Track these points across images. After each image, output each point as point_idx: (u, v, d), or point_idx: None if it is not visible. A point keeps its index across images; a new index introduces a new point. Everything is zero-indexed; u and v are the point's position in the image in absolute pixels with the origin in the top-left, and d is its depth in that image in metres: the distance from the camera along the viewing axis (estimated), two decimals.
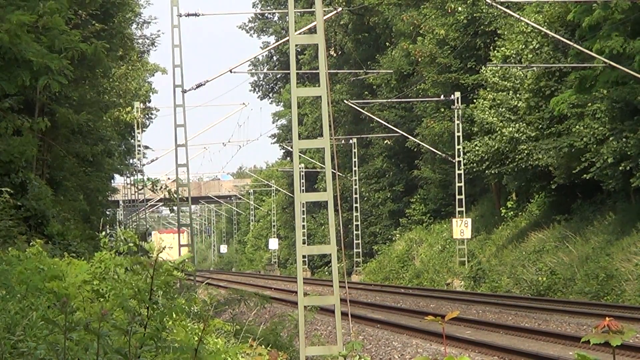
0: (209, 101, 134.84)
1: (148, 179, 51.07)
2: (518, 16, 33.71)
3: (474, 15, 48.50)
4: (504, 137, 41.89)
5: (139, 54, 50.12)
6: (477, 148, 43.75)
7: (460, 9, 48.77)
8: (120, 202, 77.32)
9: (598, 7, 31.38)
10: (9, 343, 6.44)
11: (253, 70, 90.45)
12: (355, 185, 63.56)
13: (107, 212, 53.26)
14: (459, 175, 48.11)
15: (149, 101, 66.10)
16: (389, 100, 59.55)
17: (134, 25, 48.31)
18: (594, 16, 31.43)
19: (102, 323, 5.50)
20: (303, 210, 67.90)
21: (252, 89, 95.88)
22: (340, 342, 12.76)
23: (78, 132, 38.05)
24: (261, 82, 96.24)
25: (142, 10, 58.53)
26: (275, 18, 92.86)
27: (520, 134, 41.32)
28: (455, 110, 48.13)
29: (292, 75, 12.79)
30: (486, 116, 42.90)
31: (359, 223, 63.08)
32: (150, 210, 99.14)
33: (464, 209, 48.59)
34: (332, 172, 12.90)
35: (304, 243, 28.21)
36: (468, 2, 48.51)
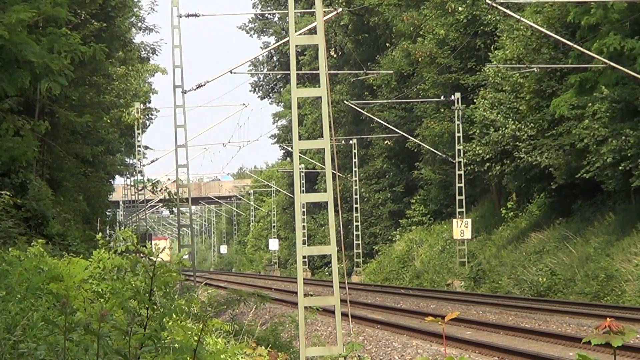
0: (209, 102, 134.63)
1: (148, 180, 51.11)
2: (518, 17, 33.71)
3: (474, 14, 48.49)
4: (505, 134, 41.86)
5: (140, 59, 50.09)
6: (477, 148, 43.75)
7: (460, 9, 48.77)
8: (120, 203, 77.32)
9: (596, 8, 31.39)
10: (9, 343, 6.44)
11: (253, 71, 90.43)
12: (356, 185, 63.55)
13: (107, 213, 53.27)
14: (459, 175, 48.11)
15: (149, 102, 66.10)
16: (389, 100, 59.55)
17: (135, 30, 48.17)
18: (592, 16, 31.45)
19: (102, 324, 5.50)
20: (303, 211, 67.90)
21: (252, 89, 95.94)
22: (340, 342, 12.76)
23: (78, 133, 38.09)
24: (261, 82, 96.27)
25: (145, 16, 58.48)
26: (276, 19, 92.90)
27: (521, 133, 41.32)
28: (456, 111, 48.13)
29: (292, 76, 12.79)
30: (487, 114, 42.90)
31: (359, 224, 63.07)
32: (150, 211, 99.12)
33: (464, 209, 48.58)
34: (332, 172, 12.89)
35: (304, 244, 28.21)
36: (468, 1, 48.49)
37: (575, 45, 31.71)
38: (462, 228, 46.66)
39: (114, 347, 5.63)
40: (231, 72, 38.34)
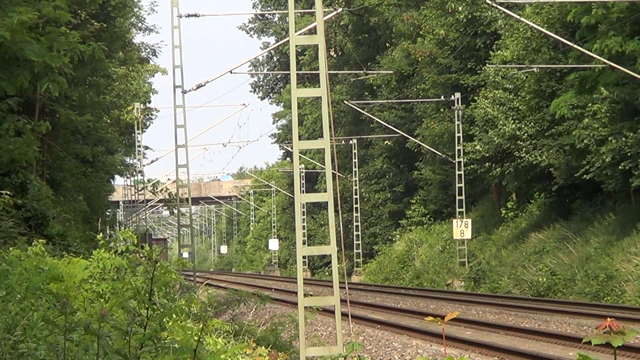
0: (209, 102, 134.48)
1: (148, 180, 51.02)
2: (518, 17, 33.69)
3: (474, 14, 48.46)
4: (505, 133, 41.85)
5: (140, 60, 50.12)
6: (477, 148, 43.73)
7: (460, 8, 48.75)
8: (121, 203, 77.31)
9: (596, 7, 31.35)
10: (9, 343, 6.44)
11: (253, 71, 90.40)
12: (356, 186, 63.55)
13: (107, 213, 53.29)
14: (459, 175, 48.10)
15: (149, 102, 66.12)
16: (389, 100, 59.53)
17: (135, 30, 48.19)
18: (592, 16, 31.41)
19: (102, 324, 5.50)
20: (303, 211, 67.88)
21: (253, 89, 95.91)
22: (340, 342, 12.75)
23: (78, 133, 38.11)
24: (261, 82, 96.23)
25: (145, 16, 58.50)
26: (276, 19, 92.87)
27: (521, 132, 41.31)
28: (456, 111, 48.12)
29: (292, 76, 12.78)
30: (490, 110, 42.86)
31: (359, 224, 63.07)
32: (150, 211, 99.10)
33: (464, 209, 48.57)
34: (332, 172, 12.88)
35: (304, 244, 28.20)
36: (468, 1, 48.44)
37: (575, 46, 31.68)
38: (462, 228, 46.65)
39: (114, 347, 5.62)
40: (231, 72, 38.32)
